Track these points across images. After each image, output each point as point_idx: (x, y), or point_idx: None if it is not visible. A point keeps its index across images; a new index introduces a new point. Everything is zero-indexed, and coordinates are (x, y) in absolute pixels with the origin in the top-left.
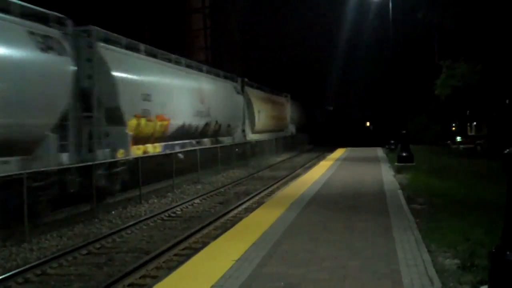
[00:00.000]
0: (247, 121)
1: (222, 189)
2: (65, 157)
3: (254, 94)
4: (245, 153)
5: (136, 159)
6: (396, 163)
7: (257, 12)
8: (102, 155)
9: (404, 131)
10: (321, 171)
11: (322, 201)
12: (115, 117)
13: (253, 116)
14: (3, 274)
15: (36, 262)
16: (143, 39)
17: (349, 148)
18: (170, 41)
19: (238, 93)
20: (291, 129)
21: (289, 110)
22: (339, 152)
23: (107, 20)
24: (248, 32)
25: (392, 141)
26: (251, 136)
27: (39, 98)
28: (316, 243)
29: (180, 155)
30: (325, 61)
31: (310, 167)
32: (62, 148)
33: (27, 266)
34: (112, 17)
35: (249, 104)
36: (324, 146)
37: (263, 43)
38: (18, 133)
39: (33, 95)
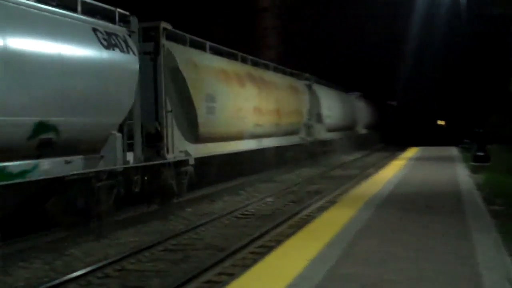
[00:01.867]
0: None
1: (294, 188)
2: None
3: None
4: (317, 151)
5: (210, 158)
6: (471, 163)
7: (325, 9)
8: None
9: (480, 130)
10: (394, 171)
11: (397, 201)
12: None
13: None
14: (84, 269)
15: (115, 258)
16: (214, 37)
17: (421, 147)
18: (240, 39)
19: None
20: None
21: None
22: (412, 151)
23: (180, 20)
24: (317, 30)
25: (467, 140)
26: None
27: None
28: (391, 244)
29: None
30: (394, 58)
31: (382, 166)
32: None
33: (106, 262)
34: (183, 16)
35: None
36: (396, 145)
37: (331, 41)
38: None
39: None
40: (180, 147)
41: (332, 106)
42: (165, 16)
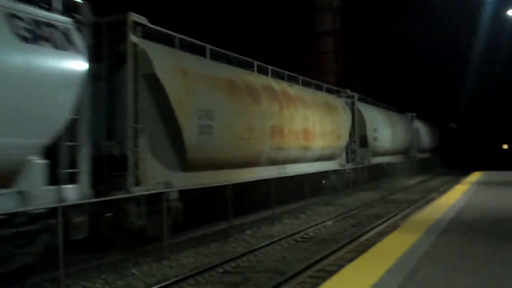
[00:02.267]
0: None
1: (354, 212)
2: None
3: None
4: (360, 179)
5: (270, 180)
6: None
7: (386, 34)
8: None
9: None
10: (456, 195)
11: (460, 227)
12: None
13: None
14: None
15: (175, 279)
16: (274, 60)
17: (485, 172)
18: (300, 63)
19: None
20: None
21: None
22: (475, 176)
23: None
24: (377, 52)
25: None
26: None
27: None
28: (455, 271)
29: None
30: (456, 78)
31: (444, 191)
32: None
33: (166, 283)
34: (246, 39)
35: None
36: (459, 169)
37: (391, 62)
38: None
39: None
40: (157, 177)
41: (380, 127)
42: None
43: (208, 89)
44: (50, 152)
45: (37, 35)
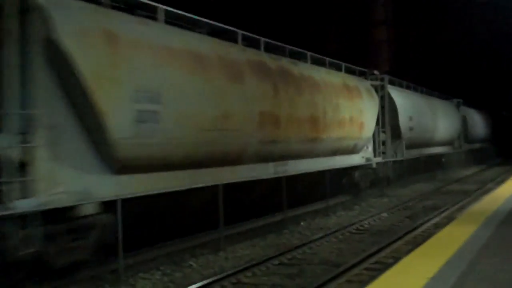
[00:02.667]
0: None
1: (409, 203)
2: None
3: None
4: (391, 175)
5: (323, 172)
6: None
7: (439, 20)
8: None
9: None
10: None
11: None
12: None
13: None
14: (202, 281)
15: (232, 271)
16: (328, 51)
17: None
18: (354, 53)
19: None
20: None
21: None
22: None
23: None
24: (430, 40)
25: None
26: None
27: None
28: None
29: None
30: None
31: (501, 182)
32: None
33: (223, 274)
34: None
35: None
36: None
37: (444, 50)
38: None
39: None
40: (65, 184)
41: (417, 115)
42: (278, 31)
43: (153, 63)
44: None
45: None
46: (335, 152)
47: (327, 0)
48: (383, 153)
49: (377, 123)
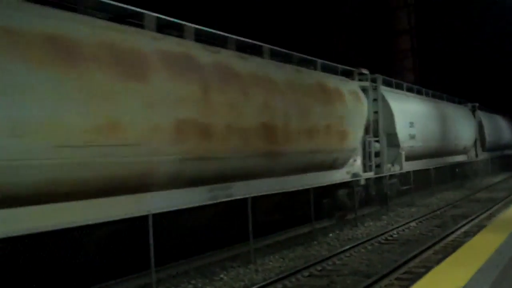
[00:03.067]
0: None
1: (437, 212)
2: None
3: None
4: (458, 174)
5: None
6: None
7: (463, 28)
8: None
9: None
10: None
11: None
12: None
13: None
14: None
15: (262, 283)
16: (349, 61)
17: None
18: (378, 62)
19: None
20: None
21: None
22: None
23: (314, 46)
24: (457, 49)
25: None
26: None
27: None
28: None
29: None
30: None
31: None
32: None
33: (254, 287)
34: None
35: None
36: None
37: (470, 58)
38: None
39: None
40: None
41: (420, 121)
42: (302, 43)
43: None
44: None
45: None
46: (306, 169)
47: (350, 11)
48: (377, 166)
49: (367, 131)
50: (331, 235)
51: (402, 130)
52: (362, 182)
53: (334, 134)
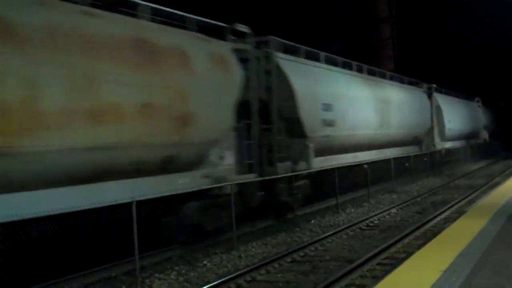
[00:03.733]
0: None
1: (418, 199)
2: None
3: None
4: (438, 161)
5: (333, 169)
6: None
7: (444, 17)
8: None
9: None
10: None
11: None
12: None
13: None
14: (217, 280)
15: (246, 269)
16: (331, 49)
17: None
18: (357, 51)
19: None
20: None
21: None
22: None
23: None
24: (436, 38)
25: None
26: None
27: None
28: None
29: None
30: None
31: (509, 175)
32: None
33: (238, 273)
34: (299, 30)
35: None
36: None
37: (451, 48)
38: None
39: None
40: None
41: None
42: (282, 31)
43: None
44: None
45: None
46: (89, 178)
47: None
48: (271, 164)
49: (244, 116)
50: (313, 221)
51: (309, 113)
52: (234, 189)
53: (164, 118)
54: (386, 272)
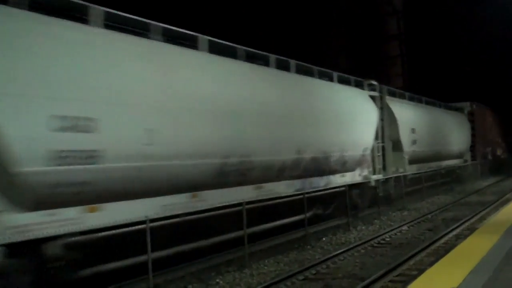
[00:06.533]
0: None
1: (429, 216)
2: None
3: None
4: (449, 178)
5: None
6: None
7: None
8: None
9: None
10: None
11: None
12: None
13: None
14: None
15: (258, 287)
16: (339, 67)
17: None
18: (366, 68)
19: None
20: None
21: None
22: None
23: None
24: (445, 54)
25: None
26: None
27: None
28: None
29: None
30: None
31: None
32: None
33: None
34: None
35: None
36: None
37: (459, 62)
38: None
39: None
40: None
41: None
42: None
43: None
44: None
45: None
46: None
47: (340, 17)
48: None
49: (377, 137)
50: (324, 239)
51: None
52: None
53: None
54: None
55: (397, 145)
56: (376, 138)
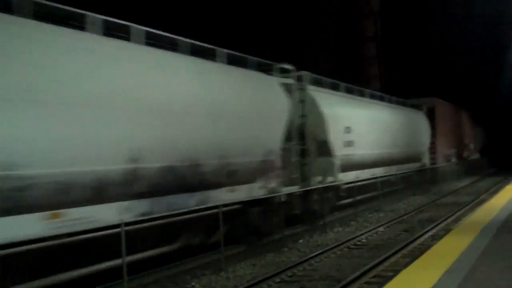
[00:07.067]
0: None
1: (405, 217)
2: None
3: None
4: (424, 179)
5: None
6: None
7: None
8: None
9: None
10: (508, 196)
11: None
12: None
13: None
14: None
15: None
16: (317, 68)
17: None
18: (344, 70)
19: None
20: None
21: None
22: None
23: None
24: (422, 55)
25: None
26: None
27: None
28: None
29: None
30: (499, 68)
31: (495, 192)
32: None
33: None
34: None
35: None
36: (509, 169)
37: (438, 64)
38: None
39: None
40: None
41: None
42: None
43: None
44: None
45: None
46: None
47: (316, 17)
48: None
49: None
50: (301, 241)
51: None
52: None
53: None
54: None
55: (325, 148)
56: (290, 138)
